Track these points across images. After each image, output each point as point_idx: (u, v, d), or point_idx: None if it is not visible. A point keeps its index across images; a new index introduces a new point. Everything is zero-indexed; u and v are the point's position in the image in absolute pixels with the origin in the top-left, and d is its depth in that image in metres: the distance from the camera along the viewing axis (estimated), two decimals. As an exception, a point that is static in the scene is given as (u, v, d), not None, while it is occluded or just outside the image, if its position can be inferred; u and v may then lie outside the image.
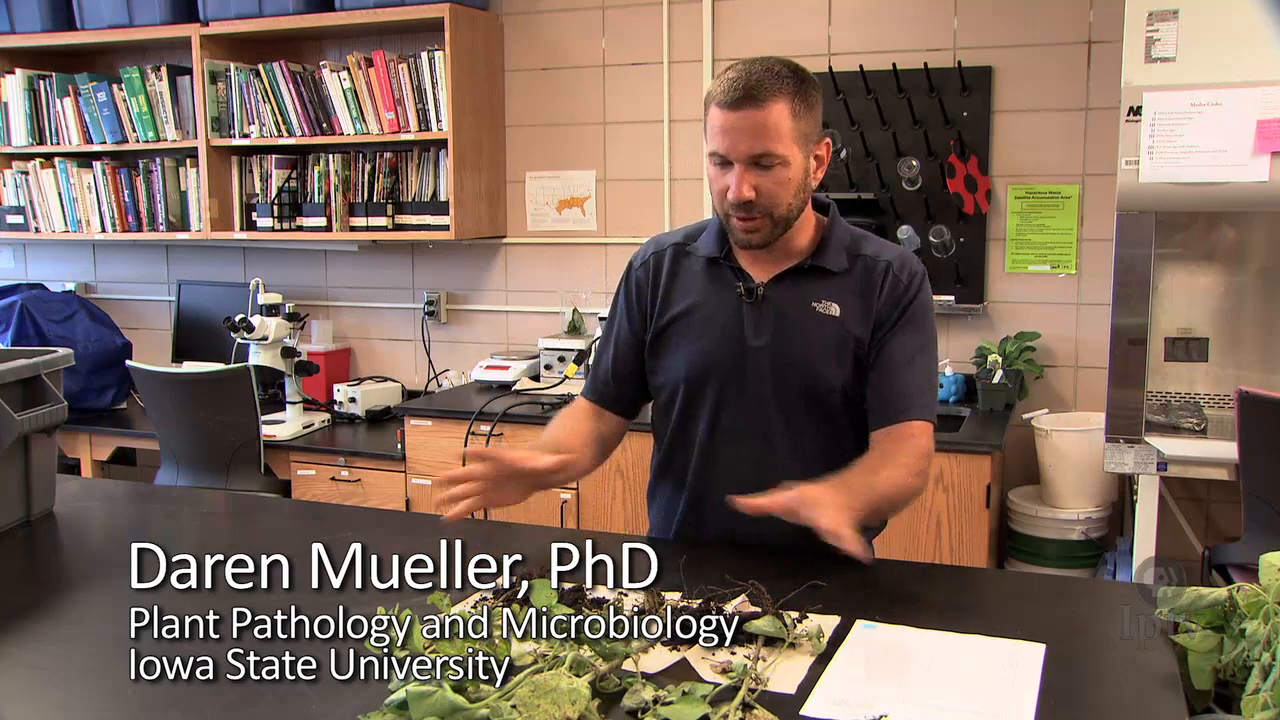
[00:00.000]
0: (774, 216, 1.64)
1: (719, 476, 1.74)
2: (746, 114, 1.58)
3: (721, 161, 1.63)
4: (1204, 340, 3.06)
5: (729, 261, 1.74)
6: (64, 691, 1.24)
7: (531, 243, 4.03)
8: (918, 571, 1.82)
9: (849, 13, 3.53)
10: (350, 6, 3.76)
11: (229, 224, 4.14)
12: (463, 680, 1.10)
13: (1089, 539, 3.14)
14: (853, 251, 1.73)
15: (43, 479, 1.91)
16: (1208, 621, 1.26)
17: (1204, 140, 2.67)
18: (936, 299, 3.43)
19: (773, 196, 1.62)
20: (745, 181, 1.60)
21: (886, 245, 1.77)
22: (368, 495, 3.55)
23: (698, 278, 1.76)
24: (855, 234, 1.77)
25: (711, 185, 1.68)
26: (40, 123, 4.36)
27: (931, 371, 1.72)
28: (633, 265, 1.84)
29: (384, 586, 1.51)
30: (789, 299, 1.71)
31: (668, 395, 1.78)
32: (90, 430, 3.91)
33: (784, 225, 1.66)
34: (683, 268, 1.78)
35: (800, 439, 1.70)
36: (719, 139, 1.61)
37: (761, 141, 1.59)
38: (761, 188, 1.61)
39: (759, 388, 1.70)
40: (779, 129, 1.59)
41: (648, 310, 1.79)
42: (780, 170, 1.61)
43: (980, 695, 1.17)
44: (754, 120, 1.58)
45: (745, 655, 1.22)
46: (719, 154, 1.62)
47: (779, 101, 1.59)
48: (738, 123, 1.59)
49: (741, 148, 1.59)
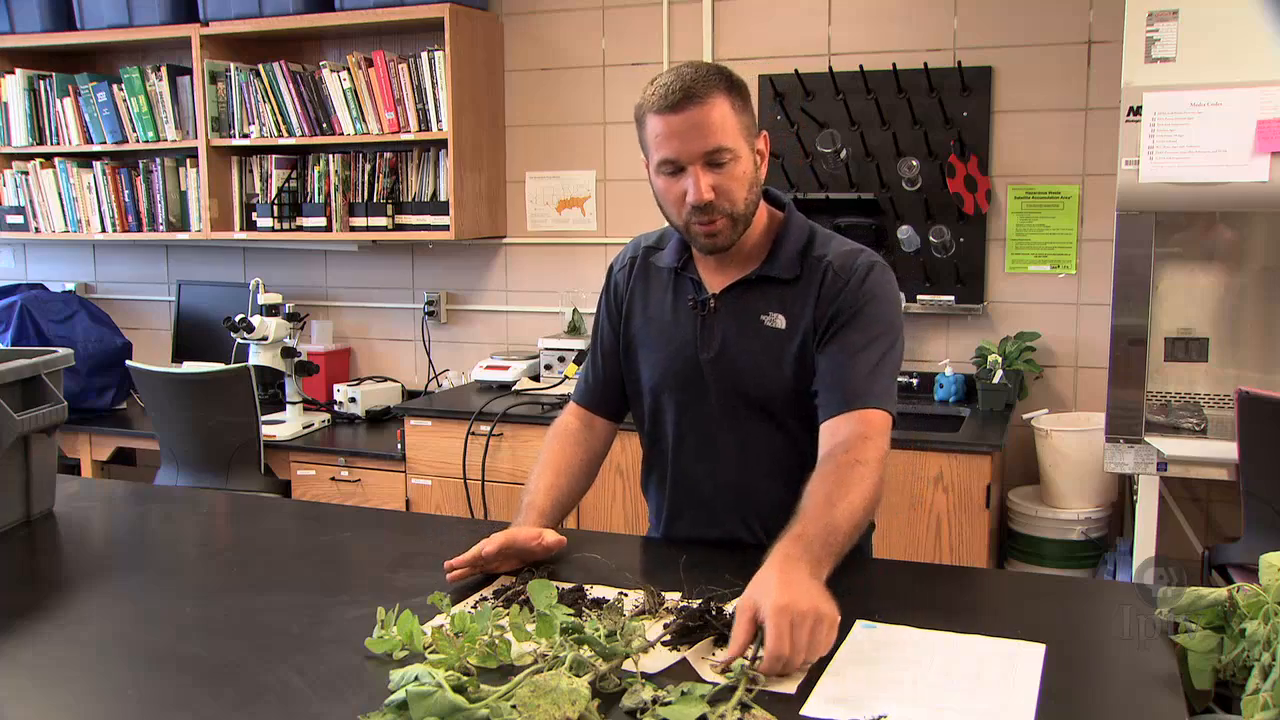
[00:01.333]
0: (733, 215, 1.61)
1: (690, 484, 1.76)
2: (690, 113, 1.57)
3: (673, 170, 1.60)
4: (1204, 340, 3.06)
5: (687, 272, 1.74)
6: (64, 691, 1.24)
7: (531, 243, 4.03)
8: (918, 571, 1.82)
9: (849, 13, 3.53)
10: (350, 6, 3.76)
11: (229, 224, 4.14)
12: (463, 680, 1.10)
13: (1089, 539, 3.14)
14: (805, 254, 1.69)
15: (43, 479, 1.91)
16: (1208, 621, 1.26)
17: (1204, 140, 2.67)
18: (937, 299, 3.47)
19: (730, 194, 1.60)
20: (704, 182, 1.57)
21: (838, 242, 1.71)
22: (368, 495, 3.55)
23: (661, 286, 1.77)
24: (812, 233, 1.72)
25: (664, 196, 1.64)
26: (40, 123, 4.36)
27: (884, 361, 1.63)
28: (613, 269, 1.86)
29: (384, 586, 1.52)
30: (737, 311, 1.69)
31: (639, 403, 1.81)
32: (90, 430, 3.91)
33: (744, 224, 1.64)
34: (652, 274, 1.80)
35: (757, 448, 1.70)
36: (667, 145, 1.59)
37: (712, 137, 1.57)
38: (720, 187, 1.58)
39: (713, 399, 1.70)
40: (725, 124, 1.58)
41: (623, 315, 1.81)
42: (733, 165, 1.59)
43: (980, 695, 1.16)
44: (699, 118, 1.56)
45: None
46: (670, 159, 1.59)
47: (719, 97, 1.58)
48: (683, 124, 1.57)
49: (693, 147, 1.57)
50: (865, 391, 1.60)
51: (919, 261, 3.43)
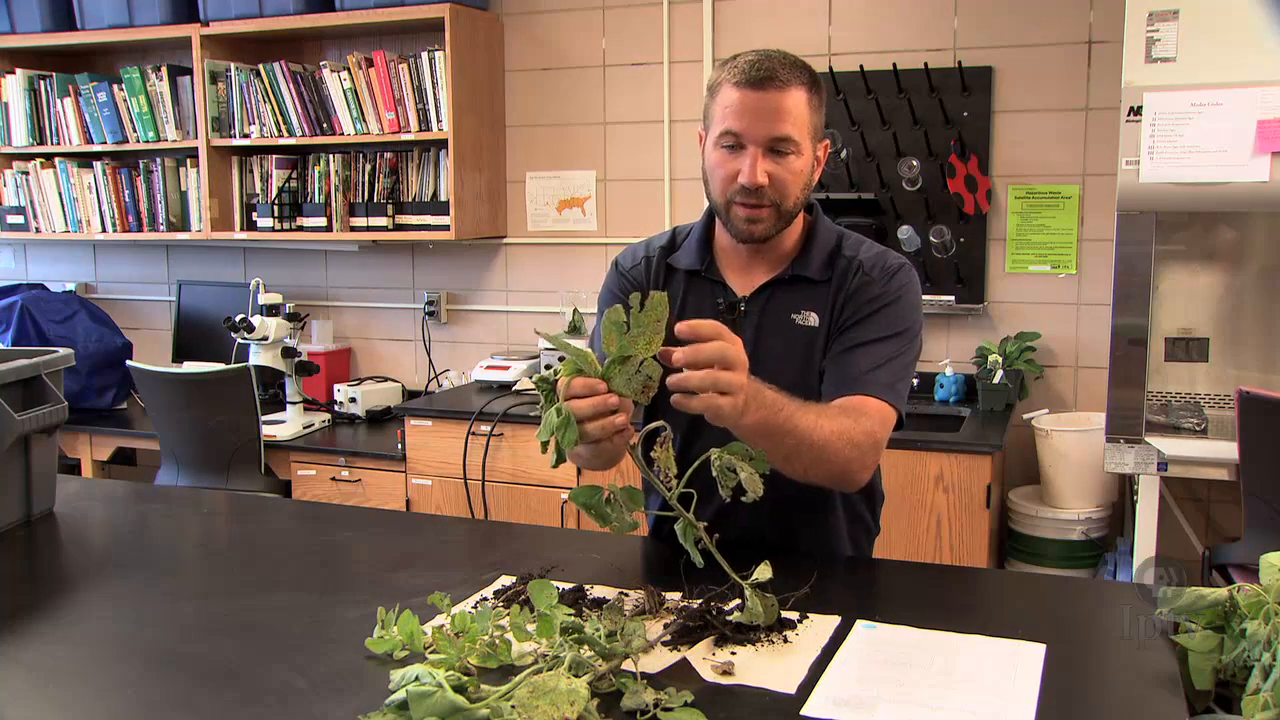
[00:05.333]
0: (780, 209, 1.59)
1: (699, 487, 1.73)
2: (768, 95, 1.54)
3: (733, 144, 1.57)
4: (1204, 340, 3.06)
5: (710, 274, 1.71)
6: (64, 691, 1.24)
7: (532, 243, 4.03)
8: (918, 571, 1.82)
9: (849, 13, 3.53)
10: (350, 6, 3.76)
11: (229, 224, 4.14)
12: (463, 680, 1.10)
13: (1089, 539, 3.14)
14: (836, 255, 1.67)
15: (43, 479, 1.91)
16: (1208, 622, 1.26)
17: (1204, 140, 2.67)
18: (937, 299, 3.47)
19: (783, 187, 1.57)
20: (760, 166, 1.55)
21: (868, 245, 1.70)
22: (368, 495, 3.55)
23: (680, 291, 1.72)
24: (841, 235, 1.71)
25: (714, 170, 1.61)
26: (41, 123, 4.36)
27: (896, 359, 1.60)
28: (622, 266, 1.78)
29: (384, 586, 1.52)
30: (769, 312, 1.67)
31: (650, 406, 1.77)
32: (90, 430, 3.92)
33: (786, 221, 1.63)
34: (667, 276, 1.74)
35: None
36: (736, 118, 1.55)
37: (782, 124, 1.55)
38: (774, 175, 1.56)
39: None
40: (798, 115, 1.56)
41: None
42: (794, 160, 1.57)
43: (980, 695, 1.16)
44: (775, 102, 1.54)
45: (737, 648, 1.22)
46: (734, 133, 1.56)
47: (800, 88, 1.56)
48: (758, 103, 1.54)
49: (760, 129, 1.55)
50: (870, 380, 1.57)
51: (919, 261, 3.43)
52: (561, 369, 1.31)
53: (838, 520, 1.73)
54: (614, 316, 1.28)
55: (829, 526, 1.73)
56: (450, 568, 1.61)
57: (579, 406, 1.27)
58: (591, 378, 1.29)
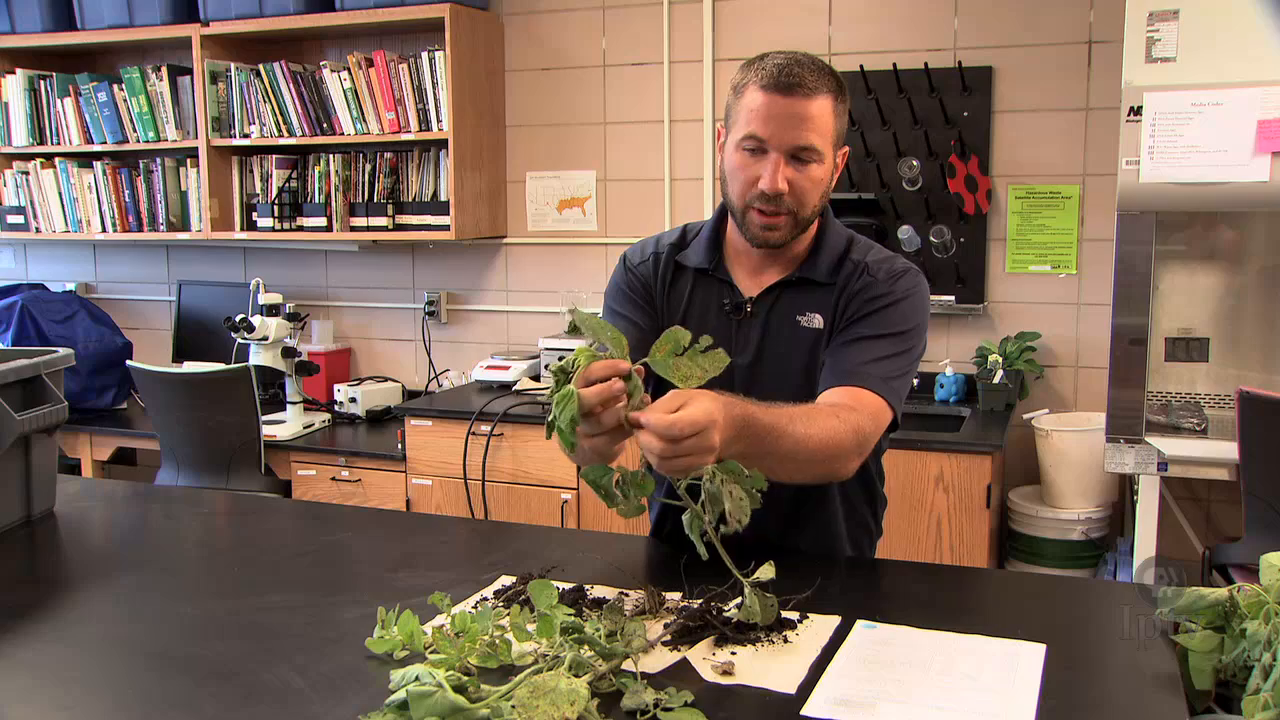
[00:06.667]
0: (798, 217, 1.58)
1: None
2: (796, 102, 1.52)
3: (755, 148, 1.56)
4: (1204, 340, 3.06)
5: (718, 274, 1.70)
6: (64, 691, 1.24)
7: (532, 243, 4.03)
8: (918, 571, 1.82)
9: (849, 13, 3.53)
10: (350, 6, 3.76)
11: (229, 224, 4.14)
12: (463, 680, 1.10)
13: (1089, 539, 3.14)
14: (844, 258, 1.67)
15: (43, 479, 1.91)
16: (1208, 621, 1.26)
17: (1204, 140, 2.67)
18: (937, 299, 3.47)
19: (802, 195, 1.56)
20: (781, 173, 1.54)
21: (878, 250, 1.69)
22: (368, 495, 3.55)
23: (688, 289, 1.71)
24: (851, 239, 1.70)
25: (734, 172, 1.59)
26: (41, 123, 4.36)
27: (896, 357, 1.58)
28: (630, 261, 1.76)
29: (384, 586, 1.52)
30: (775, 313, 1.66)
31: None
32: (90, 430, 3.92)
33: (802, 228, 1.62)
34: (676, 273, 1.73)
35: None
36: (760, 123, 1.54)
37: (807, 133, 1.53)
38: (795, 183, 1.55)
39: None
40: (823, 124, 1.55)
41: (657, 307, 1.72)
42: (815, 168, 1.56)
43: (980, 695, 1.16)
44: (802, 110, 1.53)
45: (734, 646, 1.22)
46: (757, 138, 1.54)
47: (827, 97, 1.55)
48: (785, 109, 1.53)
49: (785, 136, 1.53)
50: (865, 373, 1.56)
51: (919, 262, 3.43)
52: (577, 354, 1.30)
53: (838, 522, 1.73)
54: (678, 335, 1.30)
55: (830, 529, 1.73)
56: (450, 568, 1.61)
57: (586, 394, 1.24)
58: (618, 359, 1.27)
